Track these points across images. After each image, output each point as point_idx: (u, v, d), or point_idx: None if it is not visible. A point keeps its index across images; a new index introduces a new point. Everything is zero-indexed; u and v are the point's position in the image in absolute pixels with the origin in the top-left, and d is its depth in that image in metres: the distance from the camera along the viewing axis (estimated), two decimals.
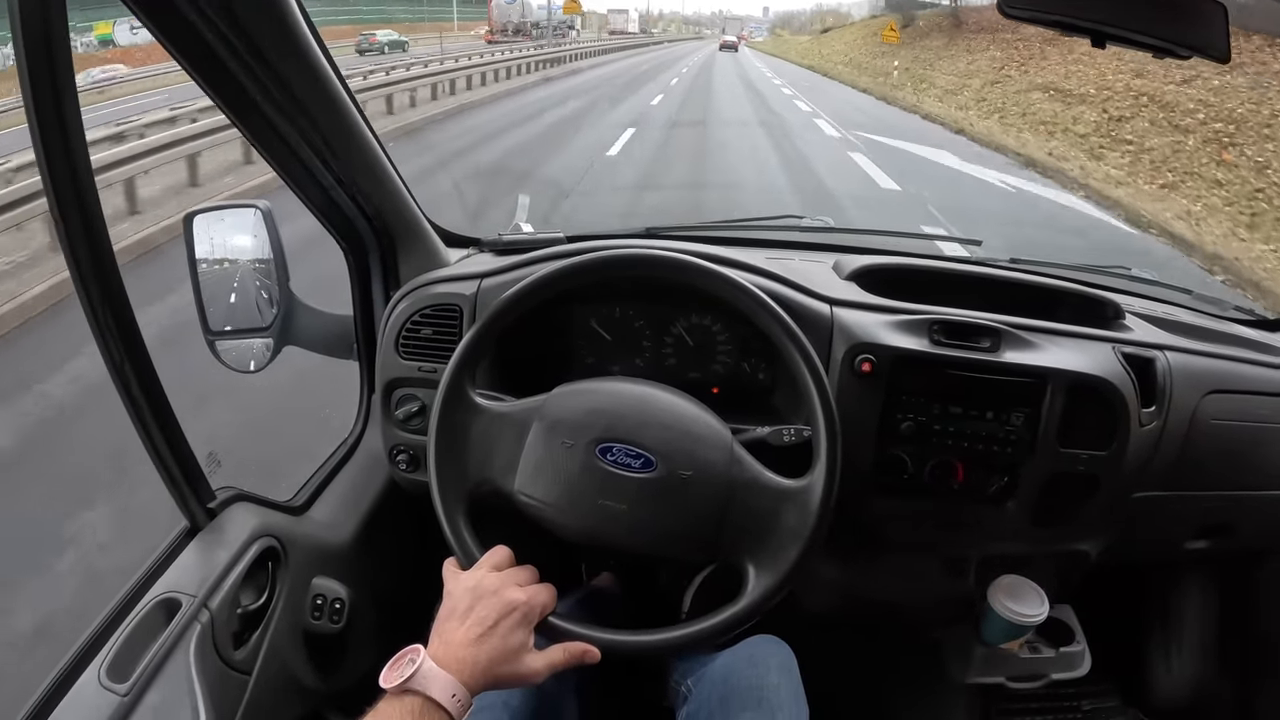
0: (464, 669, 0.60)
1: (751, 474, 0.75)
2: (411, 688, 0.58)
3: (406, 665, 0.59)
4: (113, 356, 0.67)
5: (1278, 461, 1.03)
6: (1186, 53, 0.77)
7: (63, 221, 0.60)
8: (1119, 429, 0.91)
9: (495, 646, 0.63)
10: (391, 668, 0.60)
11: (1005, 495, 0.94)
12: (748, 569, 0.74)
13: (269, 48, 0.74)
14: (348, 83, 0.87)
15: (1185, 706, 1.28)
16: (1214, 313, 1.22)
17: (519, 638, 0.65)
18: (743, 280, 0.80)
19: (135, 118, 6.63)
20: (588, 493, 0.73)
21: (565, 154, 8.23)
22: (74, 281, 0.63)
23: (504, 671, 0.64)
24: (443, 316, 0.98)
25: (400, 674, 0.58)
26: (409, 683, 0.58)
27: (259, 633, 0.81)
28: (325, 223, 1.00)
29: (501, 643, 0.64)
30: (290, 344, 1.02)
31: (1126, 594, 1.33)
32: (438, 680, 0.59)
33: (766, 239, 1.29)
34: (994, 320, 0.93)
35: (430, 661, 0.60)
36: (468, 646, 0.62)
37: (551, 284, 0.81)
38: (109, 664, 0.66)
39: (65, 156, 0.58)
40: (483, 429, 0.78)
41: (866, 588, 1.04)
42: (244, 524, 0.83)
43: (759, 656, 0.84)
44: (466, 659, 0.61)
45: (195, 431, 0.78)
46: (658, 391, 0.79)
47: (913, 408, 0.91)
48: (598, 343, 1.06)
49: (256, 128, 0.83)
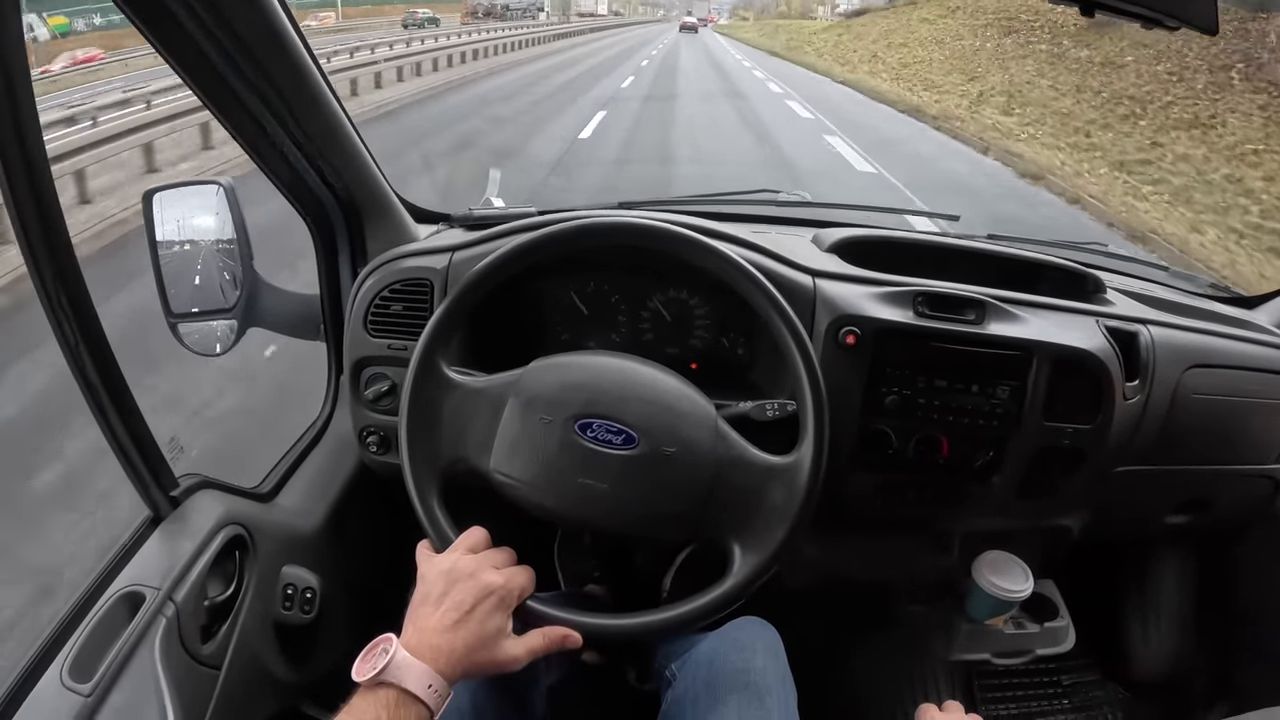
0: (439, 657, 0.58)
1: (737, 451, 0.73)
2: (385, 680, 0.55)
3: (380, 656, 0.56)
4: (68, 339, 0.64)
5: (1256, 436, 1.04)
6: (1174, 24, 0.76)
7: (14, 202, 0.57)
8: (1104, 402, 0.91)
9: (472, 632, 0.60)
10: (364, 659, 0.57)
11: (991, 470, 0.94)
12: (733, 548, 0.72)
13: (235, 16, 0.71)
14: (315, 54, 0.83)
15: (1164, 679, 1.30)
16: (1189, 289, 1.23)
17: (496, 622, 0.62)
18: (725, 249, 0.77)
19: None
20: (567, 471, 0.71)
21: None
22: (27, 263, 0.60)
23: (481, 658, 0.61)
24: (413, 291, 0.94)
25: (373, 665, 0.55)
26: (382, 674, 0.55)
27: (228, 625, 0.78)
28: (290, 197, 0.96)
29: (478, 628, 0.61)
30: (255, 325, 0.98)
31: (1106, 569, 1.34)
32: (412, 671, 0.56)
33: (743, 213, 1.26)
34: (979, 292, 0.92)
35: (404, 651, 0.57)
36: (443, 633, 0.59)
37: (527, 253, 0.78)
38: (71, 663, 0.63)
39: (18, 139, 0.56)
40: (456, 405, 0.75)
41: (850, 565, 1.03)
42: (209, 512, 0.79)
43: (744, 639, 0.83)
44: (442, 646, 0.58)
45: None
46: (639, 365, 0.77)
47: (897, 381, 0.90)
48: (573, 317, 1.03)
49: (221, 99, 0.80)
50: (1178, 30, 0.79)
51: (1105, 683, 1.32)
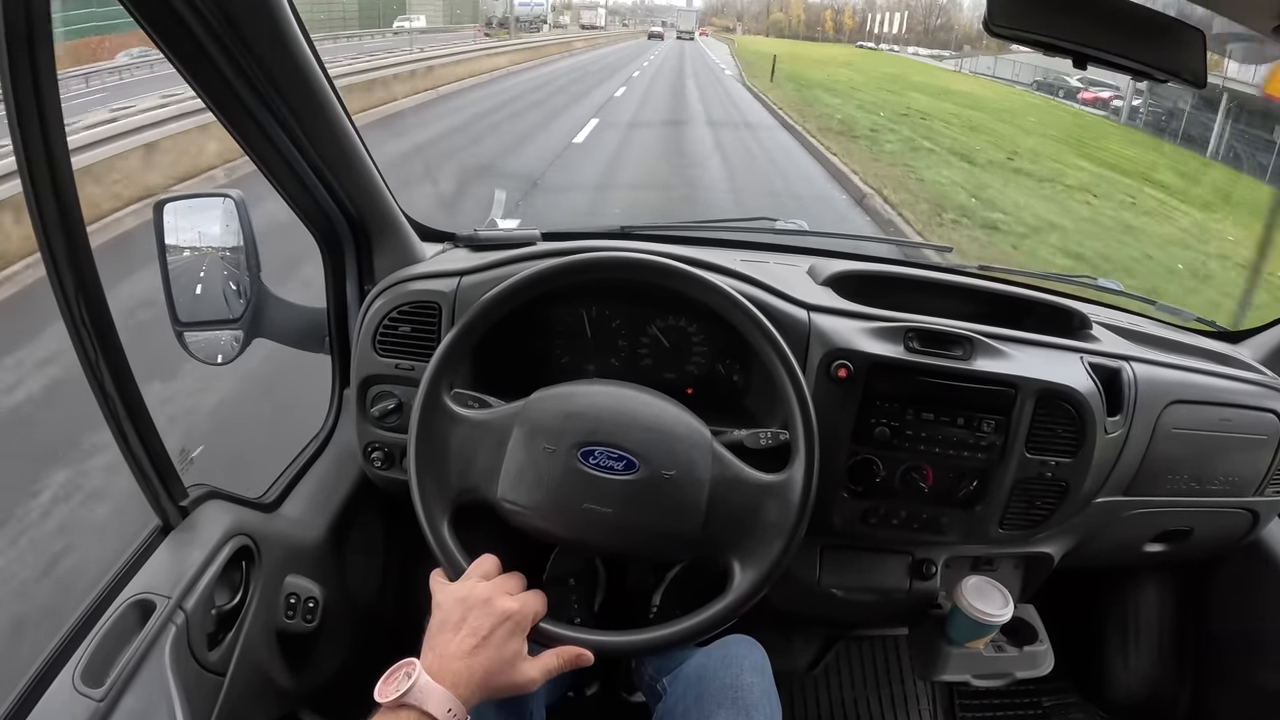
0: (459, 682, 0.60)
1: (733, 470, 0.76)
2: (408, 702, 0.57)
3: (402, 679, 0.58)
4: (87, 352, 0.66)
5: (1235, 470, 1.07)
6: (1164, 76, 0.78)
7: (39, 214, 0.59)
8: (1086, 437, 0.94)
9: (490, 657, 0.63)
10: (386, 681, 0.59)
11: (974, 499, 0.97)
12: (733, 564, 0.76)
13: (253, 35, 0.73)
14: (328, 71, 0.85)
15: (1142, 703, 1.33)
16: (1175, 323, 1.26)
17: (514, 646, 0.65)
18: (726, 286, 0.80)
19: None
20: (572, 497, 0.73)
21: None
22: (49, 274, 0.62)
23: (500, 682, 0.63)
24: (421, 314, 0.96)
25: (396, 688, 0.58)
26: (405, 697, 0.57)
27: (233, 633, 0.80)
28: (299, 213, 0.98)
29: (496, 653, 0.63)
30: (260, 336, 0.99)
31: (1086, 595, 1.37)
32: (434, 694, 0.58)
33: (740, 240, 1.29)
34: (967, 329, 0.94)
35: (426, 675, 0.59)
36: (462, 659, 0.62)
37: (533, 286, 0.80)
38: (83, 668, 0.65)
39: (44, 148, 0.57)
40: (463, 437, 0.77)
41: (835, 587, 1.06)
42: (217, 522, 0.81)
43: (733, 656, 0.85)
44: (462, 671, 0.61)
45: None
46: (636, 393, 0.80)
47: (886, 413, 0.93)
48: (574, 342, 1.06)
49: (236, 118, 0.81)
50: (1166, 82, 0.82)
51: (1084, 705, 1.35)
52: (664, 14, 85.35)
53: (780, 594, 1.04)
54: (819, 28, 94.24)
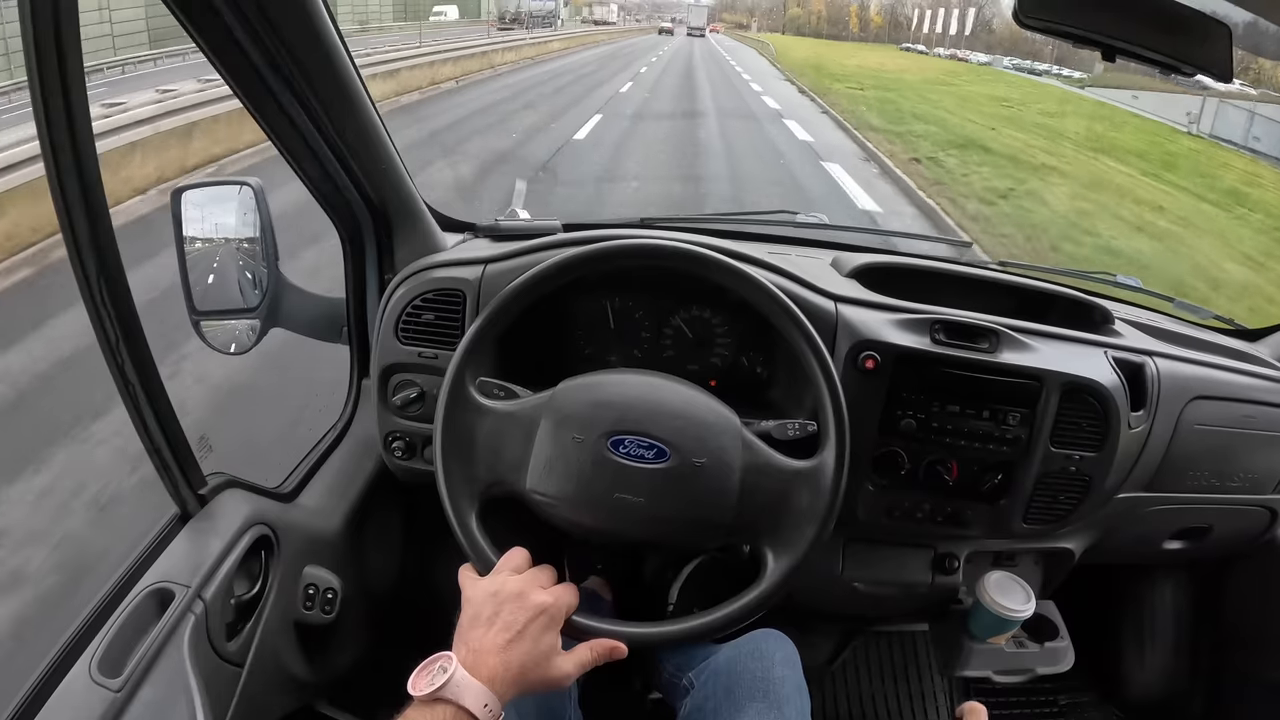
0: (495, 677, 0.59)
1: (764, 458, 0.76)
2: (444, 696, 0.56)
3: (438, 673, 0.57)
4: (108, 337, 0.65)
5: (1256, 468, 1.07)
6: (1191, 70, 0.78)
7: (62, 198, 0.58)
8: (1110, 431, 0.93)
9: (526, 651, 0.62)
10: (420, 674, 0.58)
11: (998, 493, 0.96)
12: (765, 552, 0.75)
13: (281, 21, 0.72)
14: (355, 59, 0.84)
15: (1160, 702, 1.32)
16: (1194, 320, 1.26)
17: (549, 641, 0.64)
18: (757, 274, 0.80)
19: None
20: (603, 486, 0.73)
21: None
22: (71, 259, 0.61)
23: (534, 676, 0.62)
24: (445, 301, 0.96)
25: (431, 682, 0.57)
26: (441, 691, 0.56)
27: (251, 624, 0.79)
28: (321, 201, 0.97)
29: (532, 646, 0.62)
30: (278, 326, 0.99)
31: (1103, 593, 1.37)
32: (470, 689, 0.57)
33: (762, 233, 1.29)
34: (993, 321, 0.94)
35: (463, 670, 0.58)
36: (497, 653, 0.61)
37: (562, 273, 0.80)
38: (100, 657, 0.64)
39: (69, 132, 0.57)
40: (489, 429, 0.76)
41: (857, 581, 1.05)
42: (236, 511, 0.80)
43: (763, 650, 0.84)
44: (497, 666, 0.60)
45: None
46: (664, 381, 0.79)
47: (912, 404, 0.92)
48: (596, 333, 1.05)
49: (260, 101, 0.80)
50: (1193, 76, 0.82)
51: (1102, 703, 1.34)
52: (672, 10, 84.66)
53: (803, 587, 1.03)
54: (843, 25, 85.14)
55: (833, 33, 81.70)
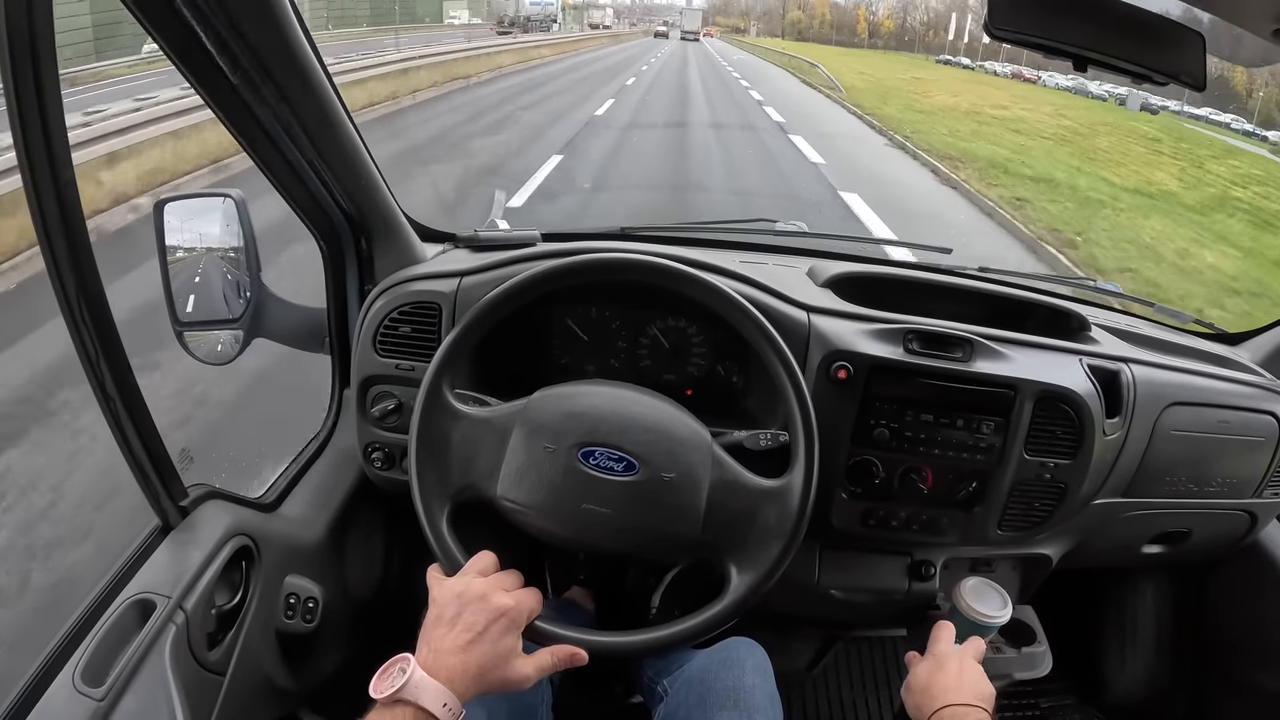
0: (454, 677, 0.60)
1: (732, 474, 0.76)
2: (403, 698, 0.57)
3: (397, 675, 0.58)
4: (88, 351, 0.66)
5: (1234, 472, 1.07)
6: (1164, 79, 0.78)
7: (40, 214, 0.59)
8: (1085, 438, 0.94)
9: (485, 653, 0.63)
10: (381, 677, 0.59)
11: (973, 501, 0.97)
12: (729, 568, 0.76)
13: (252, 32, 0.72)
14: (330, 72, 0.84)
15: (1140, 705, 1.33)
16: (1174, 325, 1.26)
17: (508, 643, 0.65)
18: (725, 287, 0.80)
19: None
20: (571, 497, 0.73)
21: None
22: (50, 274, 0.62)
23: (494, 677, 0.63)
24: (422, 314, 0.96)
25: (391, 684, 0.58)
26: (400, 693, 0.57)
27: (233, 633, 0.80)
28: (301, 214, 0.98)
29: (491, 648, 0.63)
30: (260, 336, 0.99)
31: (1084, 596, 1.37)
32: (429, 689, 0.58)
33: (740, 241, 1.30)
34: (967, 331, 0.95)
35: (420, 670, 0.59)
36: (457, 654, 0.62)
37: (534, 287, 0.80)
38: (83, 667, 0.65)
39: (45, 149, 0.57)
40: (464, 435, 0.77)
41: (834, 588, 1.06)
42: (217, 522, 0.81)
43: (735, 658, 0.85)
44: (456, 666, 0.61)
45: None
46: (637, 394, 0.80)
47: (886, 414, 0.93)
48: (574, 343, 1.06)
49: (237, 117, 0.81)
50: (1167, 85, 0.82)
51: (1082, 706, 1.35)
52: (664, 13, 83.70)
53: (779, 595, 1.04)
54: (850, 30, 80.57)
55: (838, 39, 78.26)
